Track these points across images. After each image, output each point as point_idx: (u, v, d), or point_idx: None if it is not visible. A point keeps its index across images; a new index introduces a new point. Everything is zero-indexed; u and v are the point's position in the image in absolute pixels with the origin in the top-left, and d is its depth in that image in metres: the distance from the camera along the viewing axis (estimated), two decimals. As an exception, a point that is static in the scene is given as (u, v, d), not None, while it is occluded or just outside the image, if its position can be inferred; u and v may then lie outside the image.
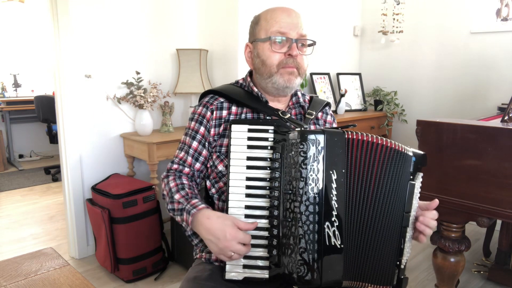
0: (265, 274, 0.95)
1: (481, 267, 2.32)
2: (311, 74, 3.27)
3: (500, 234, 2.22)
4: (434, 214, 0.98)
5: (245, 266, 0.95)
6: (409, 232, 0.96)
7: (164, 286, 2.17)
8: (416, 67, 3.40)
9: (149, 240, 2.23)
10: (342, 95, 3.22)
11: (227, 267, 0.96)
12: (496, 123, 1.61)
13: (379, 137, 0.94)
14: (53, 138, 4.11)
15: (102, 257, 2.27)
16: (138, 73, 2.45)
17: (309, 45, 1.10)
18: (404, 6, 3.34)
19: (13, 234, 2.85)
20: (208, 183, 1.12)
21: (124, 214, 2.12)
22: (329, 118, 1.24)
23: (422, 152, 0.97)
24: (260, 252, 0.95)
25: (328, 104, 1.24)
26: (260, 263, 0.95)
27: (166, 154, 2.33)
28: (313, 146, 0.89)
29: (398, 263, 0.94)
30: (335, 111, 3.25)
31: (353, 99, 3.49)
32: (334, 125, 1.24)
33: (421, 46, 3.35)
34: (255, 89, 1.13)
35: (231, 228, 0.91)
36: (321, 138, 0.90)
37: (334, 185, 0.90)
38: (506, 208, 1.39)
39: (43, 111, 4.17)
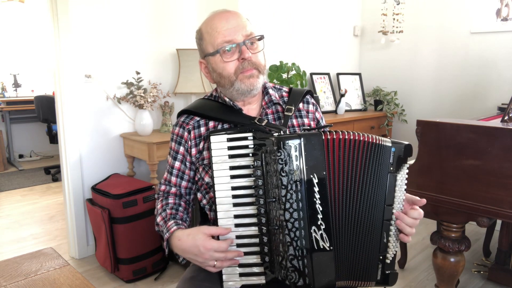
0: (262, 280, 0.95)
1: (481, 267, 2.32)
2: (311, 74, 3.27)
3: (500, 234, 2.22)
4: (418, 213, 0.94)
5: (241, 274, 0.95)
6: (394, 226, 0.95)
7: (164, 286, 2.17)
8: (416, 67, 3.40)
9: (149, 240, 2.23)
10: (342, 95, 3.22)
11: (224, 276, 0.96)
12: (496, 123, 1.61)
13: (358, 133, 0.93)
14: (53, 138, 4.11)
15: (102, 257, 2.27)
16: (138, 73, 2.45)
17: (259, 40, 1.07)
18: (404, 6, 3.34)
19: (13, 234, 2.85)
20: (199, 195, 1.13)
21: (124, 214, 2.12)
22: (311, 107, 1.19)
23: (405, 142, 0.96)
24: (254, 259, 0.95)
25: (308, 92, 1.20)
26: (256, 269, 0.95)
27: (166, 154, 2.32)
28: (290, 152, 0.87)
29: (381, 257, 0.94)
30: (335, 111, 3.25)
31: (353, 99, 3.49)
32: (317, 115, 1.20)
33: (421, 46, 3.35)
34: (227, 99, 1.11)
35: (202, 241, 0.91)
36: (297, 143, 0.87)
37: (316, 189, 0.88)
38: (506, 208, 1.39)
39: (43, 111, 4.17)
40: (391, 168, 0.94)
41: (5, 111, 4.67)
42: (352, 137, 0.92)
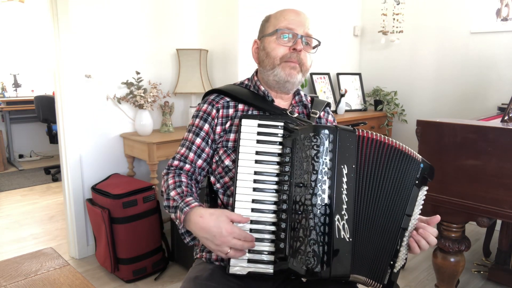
0: (269, 269, 0.94)
1: (481, 267, 2.32)
2: (311, 74, 3.27)
3: (500, 234, 2.22)
4: (435, 230, 0.98)
5: (249, 261, 0.94)
6: (407, 237, 0.96)
7: (164, 286, 2.17)
8: (416, 67, 3.40)
9: (149, 240, 2.23)
10: (342, 95, 3.22)
11: (232, 261, 0.95)
12: (496, 123, 1.61)
13: (389, 138, 0.97)
14: (53, 138, 4.11)
15: (102, 257, 2.27)
16: (138, 73, 2.45)
17: (314, 47, 1.14)
18: (404, 6, 3.34)
19: (13, 234, 2.85)
20: (212, 178, 1.12)
21: (124, 214, 2.12)
22: (330, 117, 1.27)
23: (430, 164, 0.99)
24: (266, 246, 0.95)
25: (328, 104, 1.28)
26: (265, 257, 0.95)
27: (166, 154, 2.33)
28: (326, 140, 0.92)
29: (392, 262, 0.95)
30: (335, 111, 3.25)
31: (353, 99, 3.49)
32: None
33: (421, 46, 3.35)
34: (262, 88, 1.15)
35: (226, 224, 0.91)
36: (334, 133, 0.93)
37: (344, 179, 0.92)
38: (506, 208, 1.39)
39: (43, 111, 4.17)
40: (417, 182, 0.97)
41: (5, 111, 4.67)
42: (384, 140, 0.96)
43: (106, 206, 2.15)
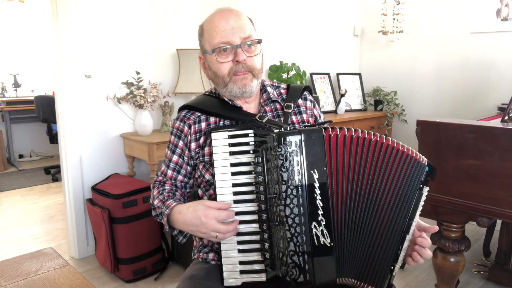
0: (262, 277, 0.95)
1: (481, 267, 2.32)
2: (311, 74, 3.27)
3: (500, 234, 2.22)
4: (429, 243, 0.95)
5: (242, 272, 0.96)
6: (408, 241, 0.94)
7: (164, 286, 2.17)
8: (416, 67, 3.40)
9: (149, 240, 2.23)
10: (342, 95, 3.22)
11: (225, 274, 0.96)
12: (496, 123, 1.61)
13: (379, 135, 0.92)
14: (53, 138, 4.11)
15: (102, 257, 2.27)
16: (138, 73, 2.45)
17: (258, 41, 1.08)
18: (404, 6, 3.35)
19: (13, 234, 2.85)
20: (199, 191, 1.14)
21: (124, 214, 2.12)
22: (309, 104, 1.20)
23: (433, 165, 0.95)
24: (255, 256, 0.95)
25: (306, 88, 1.21)
26: (256, 267, 0.95)
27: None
28: (290, 148, 0.88)
29: (392, 267, 0.94)
30: (335, 111, 3.25)
31: (353, 99, 3.49)
32: (315, 111, 1.21)
33: (421, 46, 3.35)
34: (225, 98, 1.12)
35: (203, 211, 0.92)
36: (297, 139, 0.89)
37: (317, 184, 0.89)
38: (506, 208, 1.39)
39: (43, 111, 4.17)
40: (421, 186, 0.93)
41: (5, 111, 4.67)
42: (367, 136, 0.91)
43: (106, 206, 2.15)
